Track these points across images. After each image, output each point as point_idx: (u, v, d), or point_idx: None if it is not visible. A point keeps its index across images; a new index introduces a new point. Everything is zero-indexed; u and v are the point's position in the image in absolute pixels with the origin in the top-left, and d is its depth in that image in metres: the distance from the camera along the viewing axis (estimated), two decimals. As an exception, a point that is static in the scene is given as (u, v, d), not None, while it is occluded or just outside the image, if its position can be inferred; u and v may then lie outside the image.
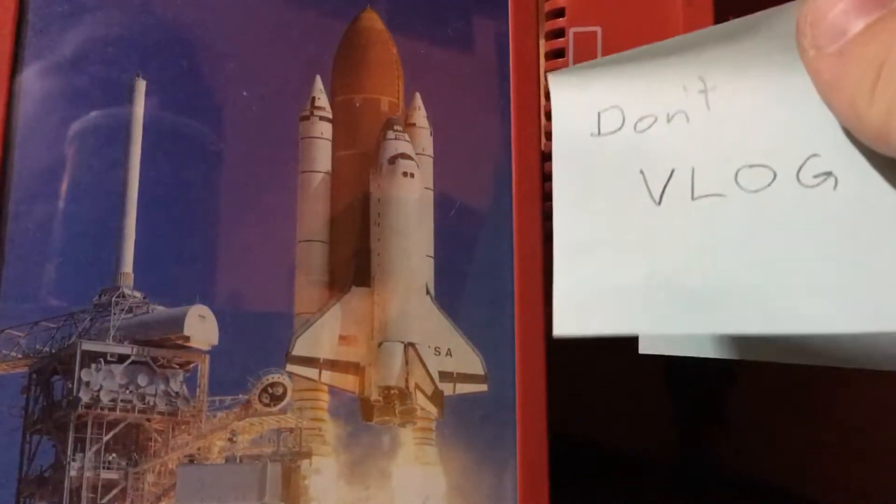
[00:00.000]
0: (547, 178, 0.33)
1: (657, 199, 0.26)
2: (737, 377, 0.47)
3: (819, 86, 0.22)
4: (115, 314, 0.31)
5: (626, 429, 0.47)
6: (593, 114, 0.27)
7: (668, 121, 0.26)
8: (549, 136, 0.30)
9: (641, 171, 0.26)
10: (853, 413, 0.44)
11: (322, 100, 0.33)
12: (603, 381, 0.46)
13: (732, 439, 0.48)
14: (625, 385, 0.47)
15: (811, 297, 0.24)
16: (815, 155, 0.24)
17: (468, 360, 0.32)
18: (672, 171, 0.26)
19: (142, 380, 0.31)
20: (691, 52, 0.26)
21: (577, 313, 0.26)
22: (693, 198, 0.25)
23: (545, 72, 0.28)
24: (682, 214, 0.25)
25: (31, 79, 0.32)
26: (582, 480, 0.45)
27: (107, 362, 0.31)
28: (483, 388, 0.32)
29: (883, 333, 0.27)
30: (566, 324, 0.26)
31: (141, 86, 0.32)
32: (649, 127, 0.26)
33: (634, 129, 0.26)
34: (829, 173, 0.24)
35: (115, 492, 0.30)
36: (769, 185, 0.24)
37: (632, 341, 0.41)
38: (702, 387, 0.48)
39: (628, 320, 0.25)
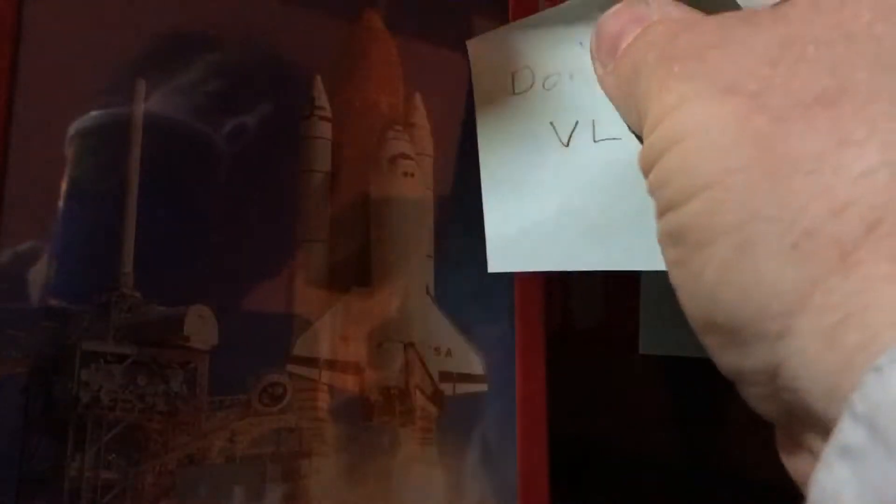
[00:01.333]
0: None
1: (566, 142, 0.29)
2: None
3: (610, 100, 0.26)
4: (114, 314, 0.31)
5: (628, 428, 0.47)
6: (508, 75, 0.30)
7: (571, 78, 0.29)
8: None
9: (552, 123, 0.29)
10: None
11: (322, 100, 0.33)
12: (604, 380, 0.46)
13: (735, 439, 0.48)
14: (626, 385, 0.47)
15: None
16: None
17: (468, 360, 0.32)
18: (576, 122, 0.29)
19: (141, 380, 0.31)
20: (585, 14, 0.28)
21: (504, 251, 0.29)
22: (595, 141, 0.28)
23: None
24: (587, 155, 0.28)
25: (31, 79, 0.32)
26: (583, 481, 0.44)
27: (106, 362, 0.31)
28: (483, 387, 0.32)
29: None
30: (496, 262, 0.29)
31: (141, 86, 0.32)
32: (555, 85, 0.29)
33: (543, 86, 0.29)
34: None
35: (114, 492, 0.30)
36: None
37: (633, 342, 0.41)
38: (704, 386, 0.48)
39: (546, 257, 0.28)
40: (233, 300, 0.31)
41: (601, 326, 0.45)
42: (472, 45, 0.30)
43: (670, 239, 0.20)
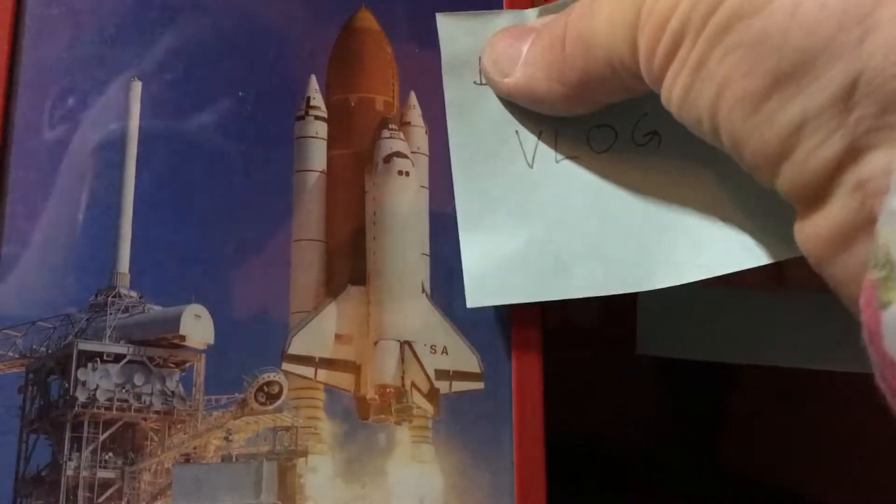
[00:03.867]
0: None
1: (530, 162, 0.29)
2: (739, 374, 0.47)
3: (509, 92, 0.29)
4: (111, 314, 0.31)
5: (627, 428, 0.47)
6: (475, 60, 0.30)
7: None
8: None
9: (517, 132, 0.30)
10: (857, 412, 0.44)
11: (317, 99, 0.33)
12: (602, 379, 0.46)
13: (734, 439, 0.48)
14: (625, 384, 0.47)
15: (638, 262, 0.28)
16: (645, 114, 0.28)
17: (464, 357, 0.32)
18: (540, 132, 0.30)
19: (138, 379, 0.31)
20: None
21: (481, 287, 0.30)
22: (556, 161, 0.29)
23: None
24: (549, 178, 0.29)
25: (28, 80, 0.32)
26: (582, 480, 0.44)
27: (103, 362, 0.31)
28: (479, 385, 0.32)
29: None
30: (474, 297, 0.30)
31: (137, 86, 0.33)
32: None
33: None
34: (654, 132, 0.28)
35: (111, 491, 0.30)
36: (611, 145, 0.29)
37: (631, 341, 0.41)
38: (703, 385, 0.48)
39: (519, 290, 0.29)
40: (229, 299, 0.31)
41: (600, 326, 0.45)
42: (442, 20, 0.31)
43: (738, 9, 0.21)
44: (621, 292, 0.29)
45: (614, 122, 0.29)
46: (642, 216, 0.29)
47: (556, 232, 0.29)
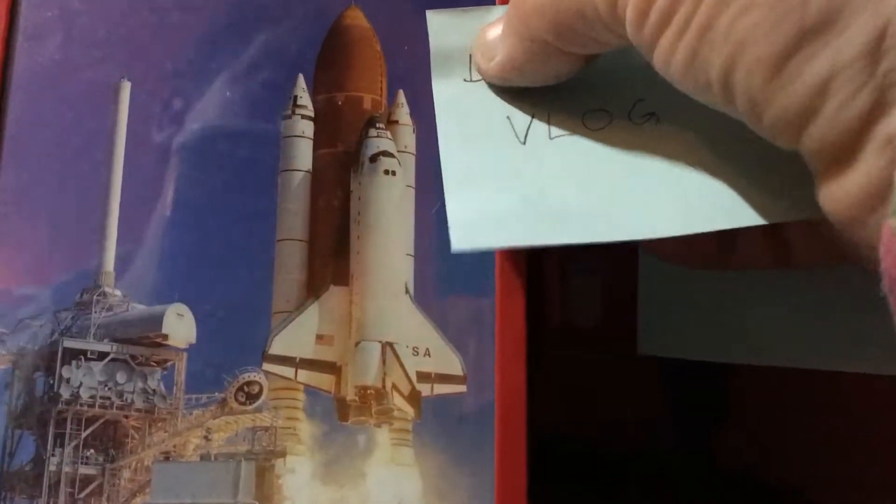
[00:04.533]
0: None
1: (522, 140, 0.30)
2: (739, 374, 0.46)
3: (497, 73, 0.29)
4: (96, 312, 0.31)
5: (626, 428, 0.47)
6: (465, 58, 0.31)
7: None
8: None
9: (508, 118, 0.30)
10: (857, 412, 0.43)
11: (304, 98, 0.33)
12: (603, 378, 0.46)
13: (734, 437, 0.47)
14: (625, 384, 0.46)
15: (637, 209, 0.28)
16: (640, 100, 0.29)
17: (447, 360, 0.32)
18: (532, 115, 0.30)
19: (120, 377, 0.31)
20: None
21: (467, 231, 0.29)
22: (550, 138, 0.30)
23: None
24: (543, 152, 0.29)
25: (21, 82, 0.32)
26: (581, 480, 0.44)
27: (87, 359, 0.31)
28: (461, 388, 0.32)
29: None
30: (460, 240, 0.29)
31: (126, 87, 0.33)
32: None
33: None
34: (652, 113, 0.29)
35: (92, 486, 0.30)
36: (608, 124, 0.29)
37: (631, 342, 0.40)
38: (704, 386, 0.47)
39: (509, 235, 0.29)
40: (211, 299, 0.31)
41: (600, 326, 0.45)
42: (432, 17, 0.31)
43: None
44: (618, 240, 0.28)
45: (609, 107, 0.29)
46: (641, 174, 0.28)
47: (550, 192, 0.29)
